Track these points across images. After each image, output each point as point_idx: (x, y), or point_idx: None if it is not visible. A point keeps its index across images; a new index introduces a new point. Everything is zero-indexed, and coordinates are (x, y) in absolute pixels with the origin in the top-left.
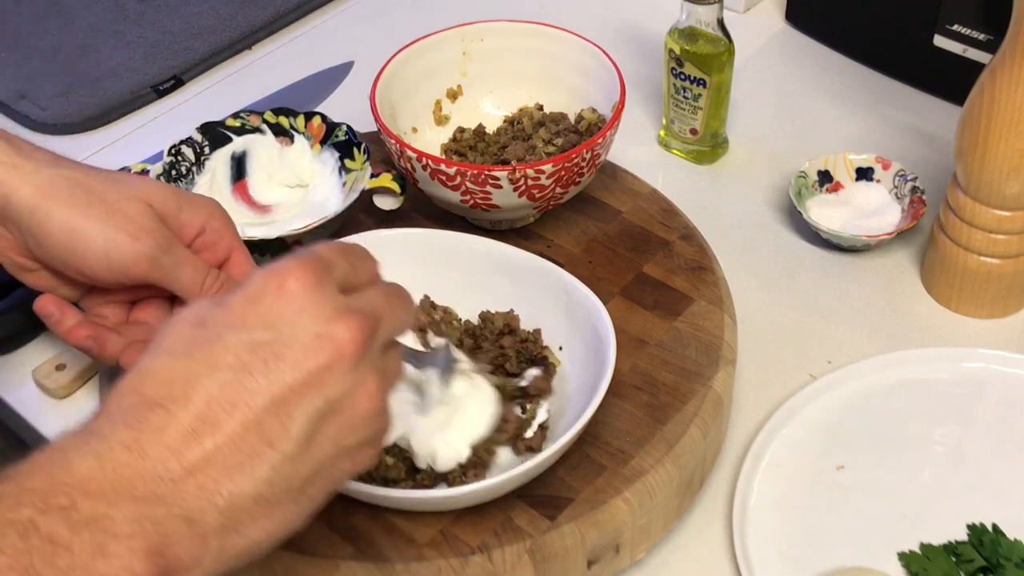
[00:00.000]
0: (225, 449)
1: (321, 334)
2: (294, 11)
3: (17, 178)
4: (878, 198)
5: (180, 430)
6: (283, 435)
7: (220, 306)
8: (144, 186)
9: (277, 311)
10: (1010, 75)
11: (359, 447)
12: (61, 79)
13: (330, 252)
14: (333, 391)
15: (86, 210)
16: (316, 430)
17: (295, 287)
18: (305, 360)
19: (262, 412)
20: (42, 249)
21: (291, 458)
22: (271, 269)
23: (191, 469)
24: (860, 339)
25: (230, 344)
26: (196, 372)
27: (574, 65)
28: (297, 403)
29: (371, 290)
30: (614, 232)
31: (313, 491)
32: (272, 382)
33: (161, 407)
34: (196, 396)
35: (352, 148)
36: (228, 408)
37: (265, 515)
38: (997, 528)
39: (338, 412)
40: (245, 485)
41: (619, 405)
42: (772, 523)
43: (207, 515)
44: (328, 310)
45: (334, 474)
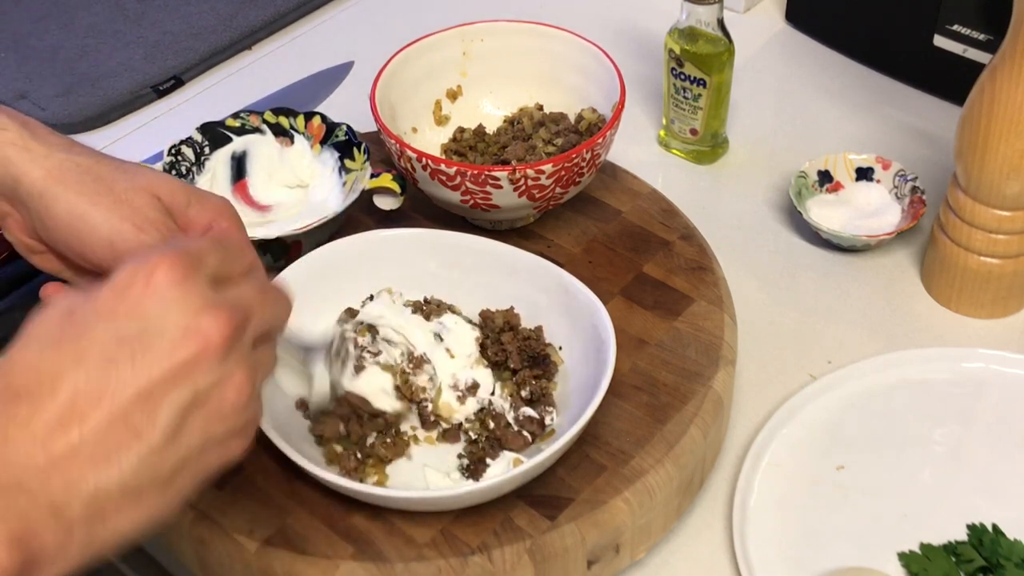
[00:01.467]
0: (91, 440)
1: (188, 327)
2: (294, 11)
3: (29, 161)
4: (878, 198)
5: (46, 421)
6: (149, 426)
7: (89, 298)
8: (154, 178)
9: (144, 303)
10: (1010, 75)
11: (227, 438)
12: (61, 79)
13: (202, 245)
14: (200, 383)
15: (93, 197)
16: (183, 421)
17: (163, 279)
18: (172, 352)
19: (128, 404)
20: (48, 232)
21: (157, 449)
22: (140, 261)
23: (56, 460)
24: (860, 339)
25: (97, 336)
26: (63, 363)
27: (574, 65)
28: (163, 395)
29: (244, 284)
30: (614, 232)
31: (181, 482)
32: (138, 374)
33: (28, 397)
34: (63, 387)
35: (352, 148)
36: (94, 400)
37: (131, 506)
38: (997, 528)
39: (205, 403)
40: (111, 476)
41: (619, 405)
42: (772, 523)
43: (72, 505)
44: (196, 303)
45: (202, 465)
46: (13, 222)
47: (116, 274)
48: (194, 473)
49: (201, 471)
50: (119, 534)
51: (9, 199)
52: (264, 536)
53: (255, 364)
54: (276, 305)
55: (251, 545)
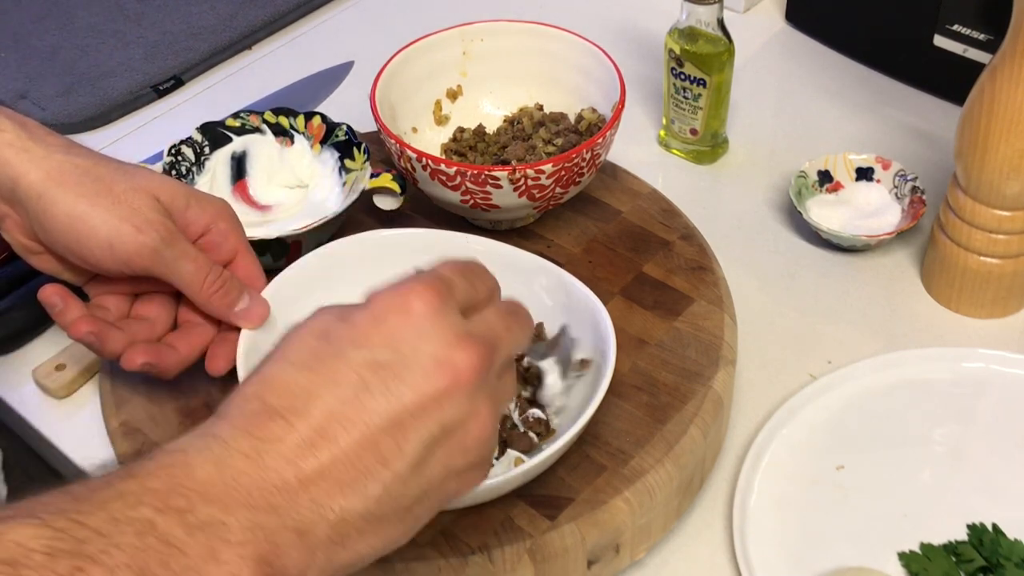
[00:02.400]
0: (340, 465)
1: (442, 360)
2: (294, 11)
3: (28, 162)
4: (878, 198)
5: (298, 442)
6: (397, 455)
7: (345, 322)
8: (154, 179)
9: (400, 332)
10: (1010, 75)
11: (467, 469)
12: (61, 79)
13: (453, 272)
14: (449, 416)
15: (93, 199)
16: (429, 453)
17: (419, 308)
18: (424, 384)
19: (379, 431)
20: (47, 233)
21: (402, 479)
22: (396, 289)
23: (306, 482)
24: (860, 339)
25: (352, 361)
26: (318, 385)
27: (574, 65)
28: (414, 426)
29: (490, 311)
30: (614, 232)
31: (420, 510)
32: (391, 403)
33: (282, 417)
34: (316, 409)
35: (352, 148)
36: (346, 424)
37: (372, 531)
38: (997, 528)
39: (451, 437)
40: (356, 501)
41: (619, 405)
42: (772, 523)
43: (318, 528)
44: (449, 335)
45: (441, 495)
46: (12, 223)
47: (373, 299)
48: (433, 502)
49: (439, 501)
50: (357, 558)
51: (8, 200)
52: None
53: (498, 396)
54: (521, 331)
55: None
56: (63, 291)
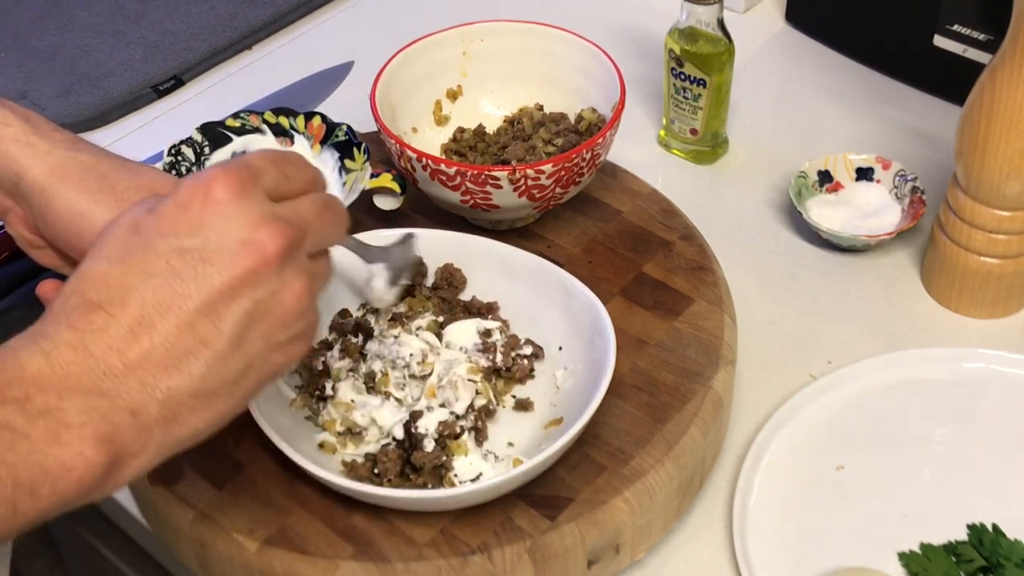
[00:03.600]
0: (161, 348)
1: (246, 240)
2: (294, 11)
3: (32, 157)
4: (878, 198)
5: (120, 331)
6: (215, 335)
7: (152, 213)
8: (157, 178)
9: (204, 218)
10: (1010, 75)
11: (289, 341)
12: (61, 79)
13: (261, 160)
14: (260, 293)
15: (95, 195)
16: (246, 328)
17: (221, 194)
18: (232, 265)
19: (194, 314)
20: (49, 229)
21: (223, 356)
22: (199, 177)
23: (132, 366)
24: (860, 339)
25: (160, 250)
26: (131, 277)
27: (574, 65)
28: (226, 305)
29: (303, 200)
30: (614, 232)
31: (247, 383)
32: (201, 286)
33: (101, 309)
34: (132, 300)
35: (352, 148)
36: (162, 311)
37: (202, 407)
38: (997, 528)
39: (266, 312)
40: (182, 381)
41: (619, 405)
42: (772, 523)
43: (149, 407)
44: (254, 216)
45: (267, 367)
46: (15, 216)
47: (177, 190)
48: (259, 375)
49: (266, 373)
50: (192, 432)
51: (11, 194)
52: (264, 536)
53: (312, 274)
54: (333, 221)
55: (251, 545)
56: (60, 286)
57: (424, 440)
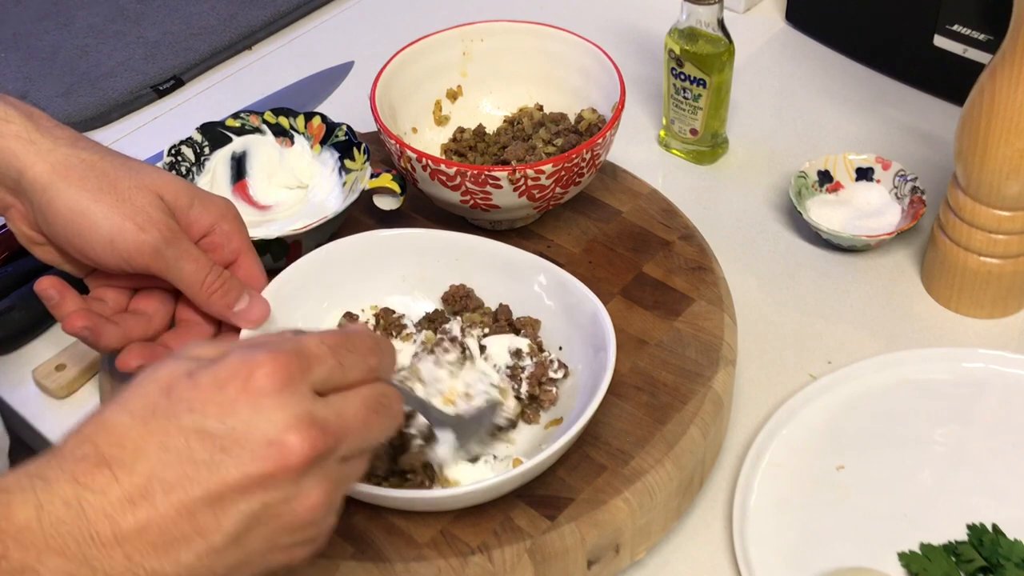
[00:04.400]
0: (156, 527)
1: (273, 440)
2: (294, 11)
3: (34, 154)
4: (878, 198)
5: (120, 496)
6: (214, 528)
7: (190, 379)
8: (159, 177)
9: (236, 404)
10: (1010, 75)
11: (293, 546)
12: (61, 79)
13: (320, 347)
14: (271, 497)
15: (96, 194)
16: (248, 529)
17: (263, 383)
18: (251, 463)
19: (198, 502)
20: (49, 226)
21: (217, 551)
22: (246, 355)
23: (121, 538)
24: (860, 339)
25: (183, 425)
26: (147, 443)
27: (574, 65)
28: (233, 501)
29: (351, 398)
30: (614, 232)
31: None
32: (213, 476)
33: (109, 468)
34: (141, 467)
35: (352, 148)
36: (166, 488)
37: None
38: (997, 528)
39: (274, 516)
40: (168, 565)
41: (619, 405)
42: (772, 523)
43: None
44: (288, 416)
45: (263, 564)
46: (16, 213)
47: (222, 362)
48: (252, 572)
49: (261, 571)
50: None
51: (13, 191)
52: None
53: (339, 480)
54: (380, 426)
55: None
56: (60, 283)
57: (412, 441)
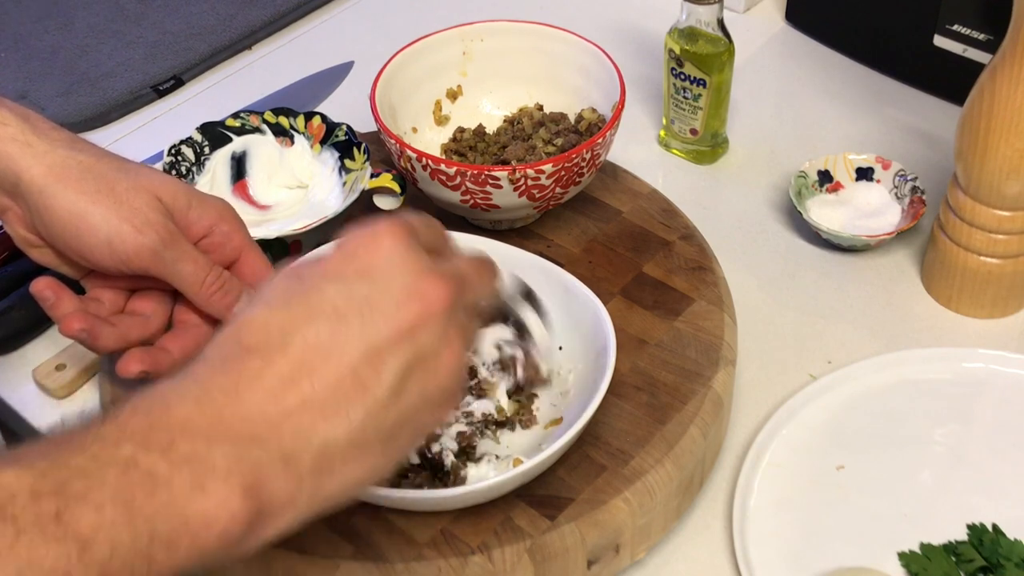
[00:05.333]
0: (321, 394)
1: (413, 291)
2: (294, 11)
3: (31, 157)
4: (878, 198)
5: (278, 375)
6: (376, 382)
7: (319, 260)
8: (156, 179)
9: (372, 265)
10: (1010, 75)
11: (440, 401)
12: (61, 79)
13: (416, 220)
14: (422, 344)
15: (94, 196)
16: (406, 379)
17: (389, 243)
18: (398, 312)
19: (357, 359)
20: (47, 229)
21: (382, 404)
22: (365, 228)
23: (288, 413)
24: (860, 339)
25: (327, 294)
26: (293, 320)
27: (574, 65)
28: (390, 352)
29: (459, 257)
30: (614, 232)
31: (401, 439)
32: (366, 331)
33: (258, 354)
34: (294, 343)
35: (352, 148)
36: (324, 355)
37: (356, 459)
38: (997, 528)
39: (425, 364)
40: (339, 429)
41: (619, 405)
42: (772, 523)
43: (302, 456)
44: (420, 267)
45: (418, 424)
46: (13, 216)
47: (343, 240)
48: (412, 431)
49: (417, 430)
50: (344, 486)
51: (10, 194)
52: None
53: (467, 332)
54: (488, 277)
55: None
56: (55, 284)
57: (444, 456)
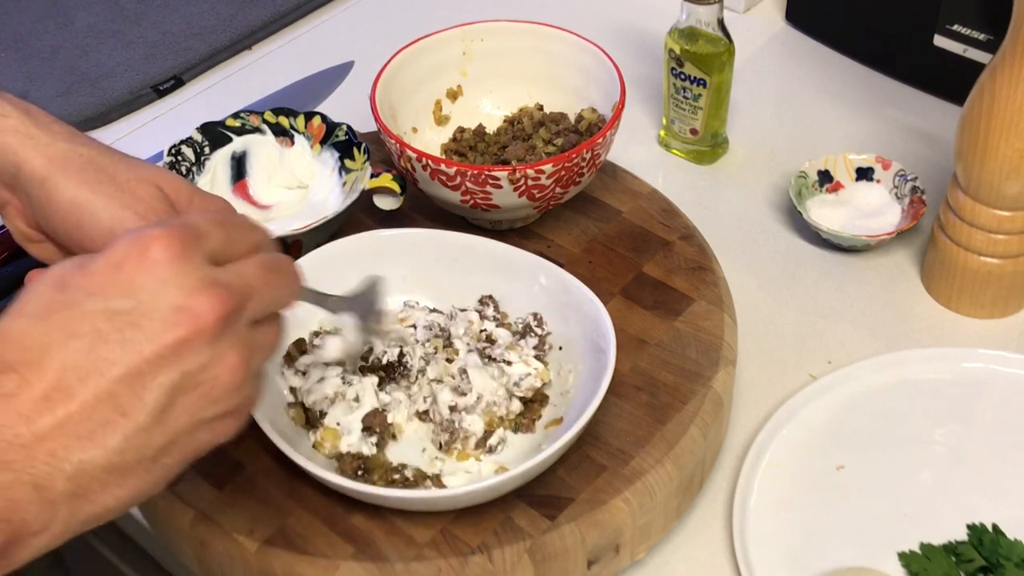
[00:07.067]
0: (77, 417)
1: (181, 307)
2: (294, 11)
3: (31, 148)
4: (878, 198)
5: (32, 397)
6: (137, 406)
7: (82, 269)
8: (157, 171)
9: (138, 279)
10: (1010, 75)
11: (218, 419)
12: (61, 79)
13: (205, 221)
14: (190, 364)
15: (95, 186)
16: (171, 402)
17: (159, 255)
18: (163, 333)
19: (116, 383)
20: (48, 220)
21: (144, 429)
22: (137, 235)
23: (42, 436)
24: (860, 339)
25: (87, 311)
26: (52, 338)
27: (574, 65)
28: (153, 375)
29: (248, 263)
30: (614, 232)
31: (168, 460)
32: (128, 353)
33: (15, 372)
34: (50, 362)
35: (352, 148)
36: (82, 377)
37: (116, 483)
38: (997, 528)
39: (196, 385)
40: (95, 454)
41: (619, 405)
42: (772, 523)
43: (55, 482)
44: (192, 281)
45: (191, 443)
46: (13, 209)
47: (113, 247)
48: (182, 452)
49: (190, 450)
50: (103, 510)
51: (10, 186)
52: (264, 536)
53: (253, 345)
54: (281, 285)
55: (251, 545)
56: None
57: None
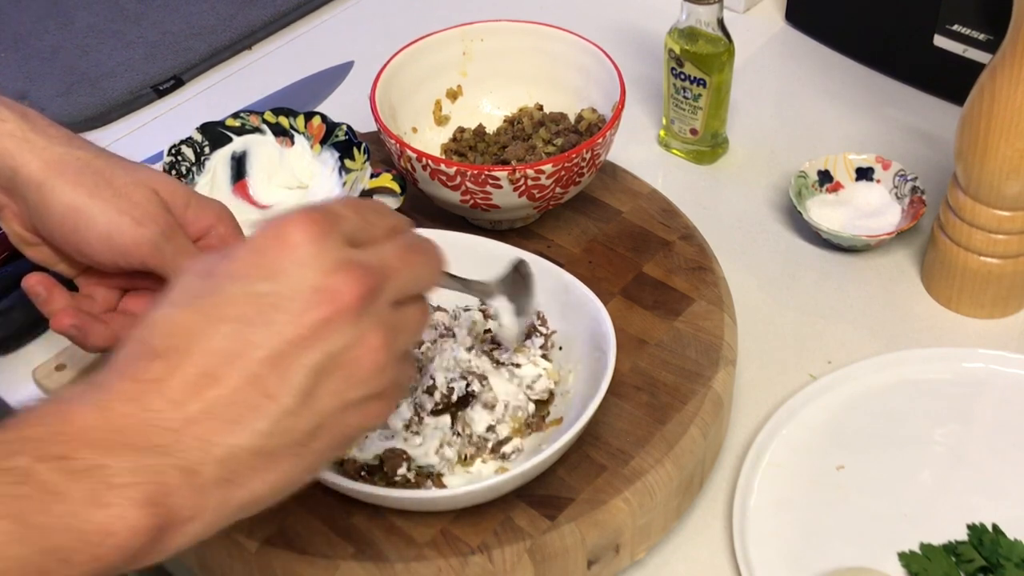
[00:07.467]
0: (224, 401)
1: (320, 287)
2: (294, 11)
3: (28, 152)
4: (878, 198)
5: (181, 382)
6: (283, 388)
7: (227, 257)
8: (154, 176)
9: (279, 262)
10: (1010, 75)
11: (365, 401)
12: (61, 79)
13: (341, 206)
14: (332, 345)
15: (92, 190)
16: (316, 384)
17: (298, 238)
18: (304, 313)
19: (261, 365)
20: (44, 225)
21: (291, 412)
22: (276, 221)
23: (190, 421)
24: (860, 339)
25: (232, 295)
26: (198, 323)
27: (574, 65)
28: (296, 356)
29: (386, 244)
30: (614, 232)
31: (317, 445)
32: (271, 335)
33: (164, 358)
34: (197, 348)
35: (352, 148)
36: (228, 360)
37: (266, 468)
38: (997, 528)
39: (339, 367)
40: (244, 437)
41: (619, 405)
42: (772, 523)
43: (206, 467)
44: (329, 262)
45: (340, 427)
46: (9, 213)
47: (254, 234)
48: (332, 436)
49: (340, 435)
50: (254, 496)
51: (6, 190)
52: (264, 536)
53: (395, 326)
54: (421, 264)
55: (251, 545)
56: (47, 280)
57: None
